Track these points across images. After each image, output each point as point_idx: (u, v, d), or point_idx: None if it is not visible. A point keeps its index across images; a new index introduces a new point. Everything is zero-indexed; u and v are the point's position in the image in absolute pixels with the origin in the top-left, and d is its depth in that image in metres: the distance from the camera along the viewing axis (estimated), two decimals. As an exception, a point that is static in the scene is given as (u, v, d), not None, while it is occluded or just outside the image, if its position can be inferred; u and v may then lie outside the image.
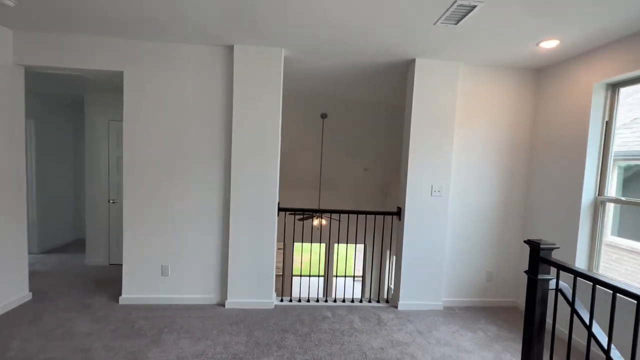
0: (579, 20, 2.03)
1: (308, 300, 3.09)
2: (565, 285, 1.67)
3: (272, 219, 2.88)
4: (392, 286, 7.23)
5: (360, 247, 9.25)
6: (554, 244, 1.70)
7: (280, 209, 2.95)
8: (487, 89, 3.05)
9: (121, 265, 2.87)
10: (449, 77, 2.90)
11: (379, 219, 3.54)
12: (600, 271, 2.51)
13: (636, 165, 2.42)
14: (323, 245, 7.15)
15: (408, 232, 2.97)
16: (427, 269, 3.01)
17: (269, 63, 2.77)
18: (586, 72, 2.54)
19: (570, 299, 1.62)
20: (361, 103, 4.58)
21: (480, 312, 3.05)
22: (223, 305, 2.90)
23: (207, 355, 2.17)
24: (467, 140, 3.05)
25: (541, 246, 1.69)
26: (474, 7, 1.89)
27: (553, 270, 1.67)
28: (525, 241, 1.80)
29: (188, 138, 2.83)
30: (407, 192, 2.95)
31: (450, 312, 3.00)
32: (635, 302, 1.23)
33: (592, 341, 1.49)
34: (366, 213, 3.17)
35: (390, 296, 3.23)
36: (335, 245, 6.91)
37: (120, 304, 2.84)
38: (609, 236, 2.47)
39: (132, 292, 2.88)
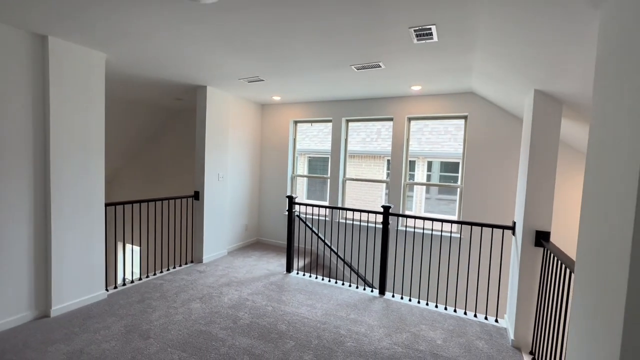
0: (289, 91, 4.42)
1: (132, 281, 3.49)
2: (298, 213, 4.03)
3: (100, 212, 3.03)
4: (126, 276, 7.42)
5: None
6: (296, 195, 3.99)
7: (103, 205, 3.11)
8: (242, 110, 4.91)
9: None
10: (226, 100, 4.44)
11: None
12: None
13: (312, 157, 5.39)
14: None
15: (207, 207, 4.24)
16: (217, 230, 4.46)
17: (90, 65, 2.86)
18: (286, 113, 5.15)
19: (303, 220, 3.99)
20: (136, 102, 4.78)
21: (246, 249, 5.01)
22: (47, 316, 2.68)
23: (108, 346, 2.41)
24: (234, 142, 4.78)
25: (293, 197, 3.90)
26: (262, 80, 3.67)
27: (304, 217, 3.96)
28: (286, 196, 3.93)
29: (-26, 133, 2.27)
30: (204, 179, 4.19)
31: (233, 254, 4.70)
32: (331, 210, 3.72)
33: (320, 242, 3.94)
34: (162, 199, 3.97)
35: (193, 257, 4.33)
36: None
37: None
38: (304, 199, 5.30)
39: None
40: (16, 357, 2.17)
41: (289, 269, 4.00)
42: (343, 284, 3.66)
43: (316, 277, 3.84)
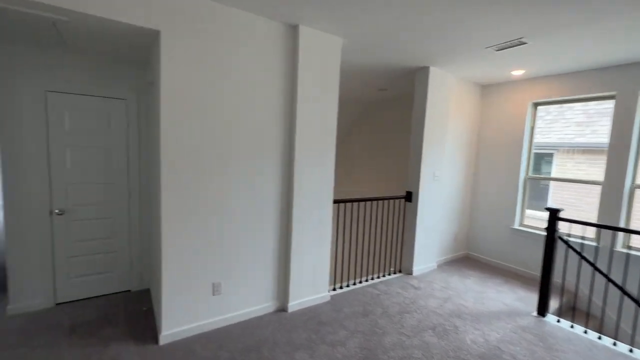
0: (538, 62, 3.13)
1: (347, 285, 3.27)
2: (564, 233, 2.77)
3: (329, 209, 2.85)
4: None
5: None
6: (562, 209, 2.72)
7: (329, 202, 2.93)
8: (461, 94, 3.99)
9: (78, 302, 2.61)
10: (447, 83, 3.63)
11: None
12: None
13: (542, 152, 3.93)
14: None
15: (420, 210, 3.60)
16: (428, 238, 3.76)
17: (330, 51, 2.66)
18: (523, 94, 3.84)
19: (577, 247, 2.70)
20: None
21: (456, 264, 4.10)
22: (285, 310, 2.69)
23: (366, 340, 2.13)
24: (450, 134, 3.94)
25: (559, 210, 2.67)
26: (524, 43, 2.62)
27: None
28: (547, 208, 2.75)
29: (243, 127, 2.37)
30: (420, 179, 3.55)
31: (442, 268, 3.91)
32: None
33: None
34: (377, 199, 3.55)
35: (401, 266, 3.81)
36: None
37: (163, 345, 2.17)
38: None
39: (176, 325, 2.23)
40: (270, 355, 2.11)
41: (542, 311, 2.82)
42: (667, 365, 2.18)
43: (599, 337, 2.50)
